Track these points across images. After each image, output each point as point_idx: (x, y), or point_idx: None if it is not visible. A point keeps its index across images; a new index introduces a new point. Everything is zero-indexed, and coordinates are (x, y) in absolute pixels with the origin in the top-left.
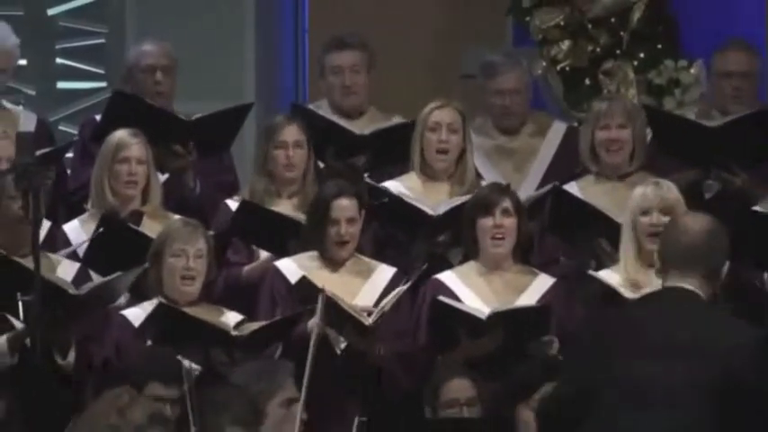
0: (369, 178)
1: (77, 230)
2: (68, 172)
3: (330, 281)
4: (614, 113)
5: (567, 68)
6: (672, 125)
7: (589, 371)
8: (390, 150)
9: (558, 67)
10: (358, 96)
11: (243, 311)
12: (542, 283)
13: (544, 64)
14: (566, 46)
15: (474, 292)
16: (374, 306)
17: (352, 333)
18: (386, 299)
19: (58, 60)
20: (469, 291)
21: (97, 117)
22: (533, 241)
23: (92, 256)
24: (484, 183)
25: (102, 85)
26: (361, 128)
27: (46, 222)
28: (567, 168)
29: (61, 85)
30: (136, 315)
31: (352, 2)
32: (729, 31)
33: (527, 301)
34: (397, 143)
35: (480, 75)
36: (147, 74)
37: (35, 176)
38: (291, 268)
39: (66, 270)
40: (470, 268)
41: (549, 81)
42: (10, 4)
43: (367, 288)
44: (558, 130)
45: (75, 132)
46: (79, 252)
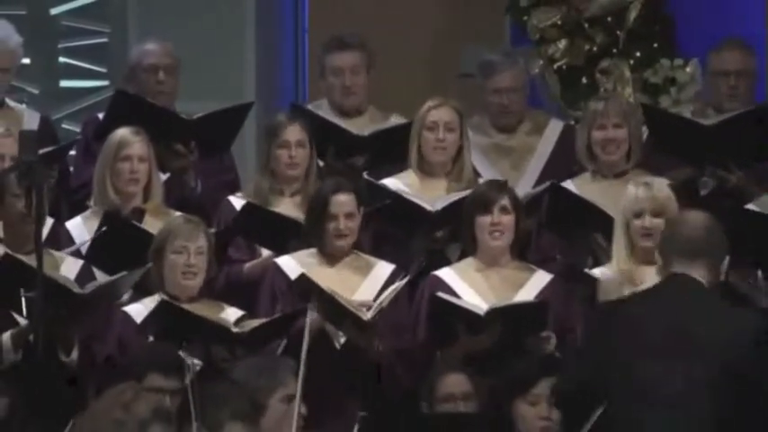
0: (368, 177)
1: (80, 228)
2: (71, 170)
3: (329, 277)
4: (610, 113)
5: (564, 67)
6: (668, 123)
7: (591, 373)
8: (389, 150)
9: (556, 66)
10: (358, 96)
11: (243, 308)
12: (540, 280)
13: (541, 63)
14: (563, 45)
15: (472, 288)
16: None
17: (351, 328)
18: (384, 293)
19: (60, 59)
20: (468, 287)
21: (99, 115)
22: (530, 238)
23: (95, 253)
24: (481, 180)
25: (105, 83)
26: (361, 127)
27: (49, 220)
28: (564, 166)
29: (64, 83)
30: (138, 311)
31: (352, 2)
32: (725, 31)
33: (525, 297)
34: (396, 143)
35: (478, 74)
36: (150, 73)
37: (38, 174)
38: (291, 265)
39: (70, 267)
40: (468, 265)
41: (546, 80)
42: (13, 3)
43: (366, 284)
44: (555, 128)
45: (78, 130)
46: (82, 250)
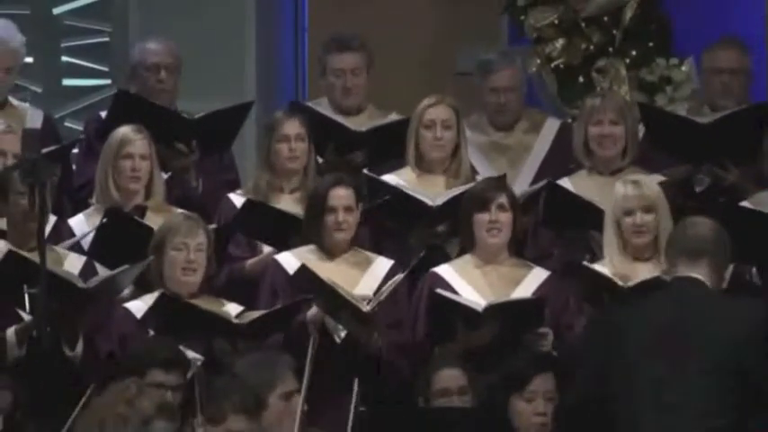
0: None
1: (82, 225)
2: (74, 168)
3: (329, 272)
4: (607, 109)
5: (561, 66)
6: (664, 121)
7: (594, 380)
8: (387, 147)
9: (552, 65)
10: (358, 96)
11: (244, 305)
12: (537, 276)
13: (538, 62)
14: (560, 44)
15: (470, 284)
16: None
17: (351, 321)
18: (383, 287)
19: (63, 58)
20: (466, 284)
21: (102, 113)
22: (527, 235)
23: (97, 248)
24: (479, 178)
25: (107, 82)
26: (359, 125)
27: (52, 217)
28: (561, 164)
29: (67, 82)
30: (138, 307)
31: (351, 1)
32: (720, 30)
33: (522, 293)
34: (394, 139)
35: (476, 72)
36: (152, 72)
37: (40, 172)
38: (291, 261)
39: (74, 263)
40: (467, 261)
41: (543, 78)
42: (16, 3)
43: (365, 279)
44: (552, 126)
45: (80, 129)
46: (83, 243)
